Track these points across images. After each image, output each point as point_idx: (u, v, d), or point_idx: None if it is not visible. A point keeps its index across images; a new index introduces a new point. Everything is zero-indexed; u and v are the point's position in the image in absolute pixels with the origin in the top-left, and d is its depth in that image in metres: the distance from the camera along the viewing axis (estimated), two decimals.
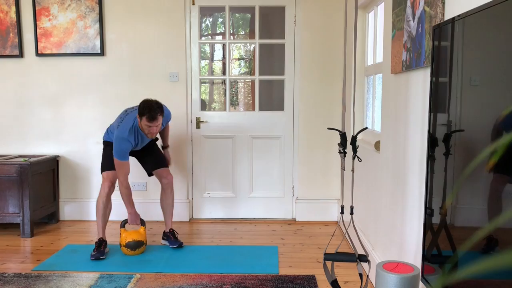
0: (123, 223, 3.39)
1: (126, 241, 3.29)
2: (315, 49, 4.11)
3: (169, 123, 3.75)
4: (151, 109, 3.08)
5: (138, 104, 3.32)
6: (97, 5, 4.06)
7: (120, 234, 3.34)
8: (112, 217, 4.09)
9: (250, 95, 4.72)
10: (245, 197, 4.29)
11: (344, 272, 2.99)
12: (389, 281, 1.73)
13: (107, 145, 3.40)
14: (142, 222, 3.41)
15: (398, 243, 2.40)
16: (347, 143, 2.32)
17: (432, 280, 1.61)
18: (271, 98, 4.53)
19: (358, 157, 2.30)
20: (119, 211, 4.12)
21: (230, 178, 4.29)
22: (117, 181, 3.40)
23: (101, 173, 3.40)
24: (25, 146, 4.25)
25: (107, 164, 3.35)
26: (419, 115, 2.10)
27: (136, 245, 3.30)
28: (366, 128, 2.45)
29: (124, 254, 3.31)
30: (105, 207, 3.35)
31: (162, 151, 3.62)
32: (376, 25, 3.24)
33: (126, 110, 3.34)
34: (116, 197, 4.04)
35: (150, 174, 3.55)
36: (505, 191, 1.16)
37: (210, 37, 4.81)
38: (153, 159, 3.51)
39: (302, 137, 4.20)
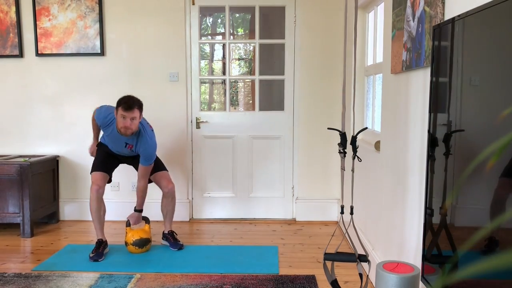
0: (128, 223, 3.40)
1: (133, 239, 3.30)
2: (315, 49, 4.11)
3: (150, 164, 3.25)
4: (128, 99, 3.02)
5: None
6: (97, 5, 4.06)
7: (126, 233, 3.35)
8: (113, 217, 4.09)
9: (250, 95, 4.72)
10: (245, 197, 4.29)
11: (344, 272, 2.99)
12: (389, 281, 1.73)
13: (98, 144, 3.49)
14: (147, 220, 3.44)
15: (398, 243, 2.40)
16: (347, 143, 2.32)
17: (432, 280, 1.61)
18: (271, 98, 4.53)
19: (358, 157, 2.30)
20: (119, 211, 4.12)
21: (230, 178, 4.29)
22: (106, 186, 3.41)
23: (90, 173, 3.38)
24: (25, 146, 4.24)
25: (96, 163, 3.37)
26: (419, 115, 2.10)
27: (142, 243, 3.32)
28: (366, 128, 2.45)
29: (131, 253, 3.32)
30: (98, 209, 3.29)
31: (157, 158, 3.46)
32: (376, 25, 3.24)
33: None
34: (117, 197, 4.04)
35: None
36: (510, 195, 1.16)
37: (210, 37, 4.81)
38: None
39: (302, 137, 4.20)
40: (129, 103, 3.00)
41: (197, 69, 4.20)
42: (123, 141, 3.25)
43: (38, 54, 4.12)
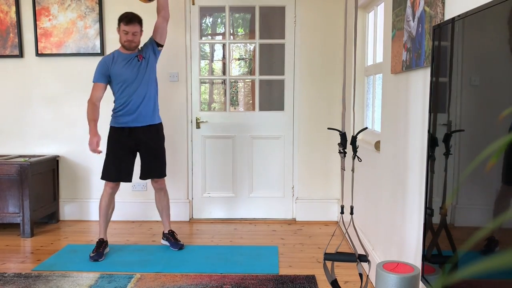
0: None
1: None
2: (315, 49, 4.11)
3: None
4: (128, 14, 3.23)
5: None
6: (97, 5, 4.06)
7: None
8: (113, 217, 4.09)
9: (250, 95, 4.72)
10: (245, 197, 4.29)
11: (344, 272, 2.99)
12: (389, 281, 1.73)
13: (108, 138, 3.36)
14: None
15: (398, 243, 2.40)
16: (347, 143, 2.32)
17: (432, 280, 1.61)
18: (271, 98, 4.53)
19: (358, 157, 2.30)
20: (120, 211, 4.11)
21: (230, 178, 4.29)
22: (120, 183, 3.37)
23: (101, 178, 3.35)
24: (25, 146, 4.24)
25: (106, 170, 3.27)
26: (419, 115, 2.10)
27: None
28: (366, 128, 2.45)
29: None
30: (107, 206, 3.33)
31: (164, 156, 3.45)
32: (376, 25, 3.24)
33: None
34: (117, 197, 4.03)
35: (142, 178, 3.46)
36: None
37: (210, 37, 4.81)
38: (151, 163, 3.39)
39: (302, 137, 4.20)
40: (130, 17, 3.20)
41: (197, 69, 4.20)
42: (134, 58, 3.29)
43: (38, 54, 4.12)
